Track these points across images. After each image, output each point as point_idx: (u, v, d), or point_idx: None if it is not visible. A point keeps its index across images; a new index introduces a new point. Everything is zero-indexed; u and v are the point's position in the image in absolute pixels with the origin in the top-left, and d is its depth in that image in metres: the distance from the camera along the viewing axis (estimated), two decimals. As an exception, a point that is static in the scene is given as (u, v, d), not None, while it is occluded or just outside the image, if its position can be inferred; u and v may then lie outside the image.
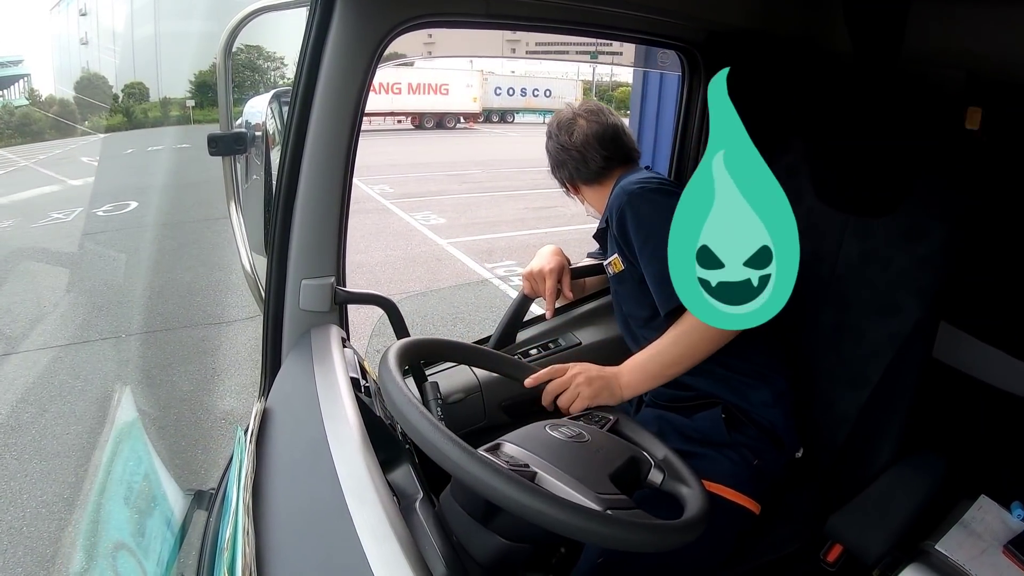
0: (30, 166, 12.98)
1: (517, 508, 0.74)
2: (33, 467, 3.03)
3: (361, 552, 0.71)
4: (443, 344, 1.14)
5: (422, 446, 0.80)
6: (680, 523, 0.84)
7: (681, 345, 1.20)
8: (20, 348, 4.30)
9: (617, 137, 1.46)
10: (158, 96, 22.09)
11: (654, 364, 1.22)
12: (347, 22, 1.14)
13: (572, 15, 1.39)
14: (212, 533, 0.96)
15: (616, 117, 1.50)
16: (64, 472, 2.99)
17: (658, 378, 1.23)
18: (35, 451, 3.14)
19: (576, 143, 1.45)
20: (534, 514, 0.73)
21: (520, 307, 1.61)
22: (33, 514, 2.70)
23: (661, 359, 1.22)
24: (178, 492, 1.06)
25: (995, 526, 1.29)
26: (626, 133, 1.49)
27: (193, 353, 4.25)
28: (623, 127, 1.49)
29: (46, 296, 5.24)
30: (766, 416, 1.30)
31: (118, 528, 0.87)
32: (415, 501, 0.92)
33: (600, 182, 1.46)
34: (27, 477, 2.96)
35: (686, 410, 1.32)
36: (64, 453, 3.13)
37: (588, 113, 1.48)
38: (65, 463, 3.06)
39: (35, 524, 2.65)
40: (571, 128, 1.46)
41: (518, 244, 7.13)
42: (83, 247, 6.76)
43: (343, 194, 1.23)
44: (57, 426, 3.34)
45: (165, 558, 0.91)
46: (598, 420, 1.08)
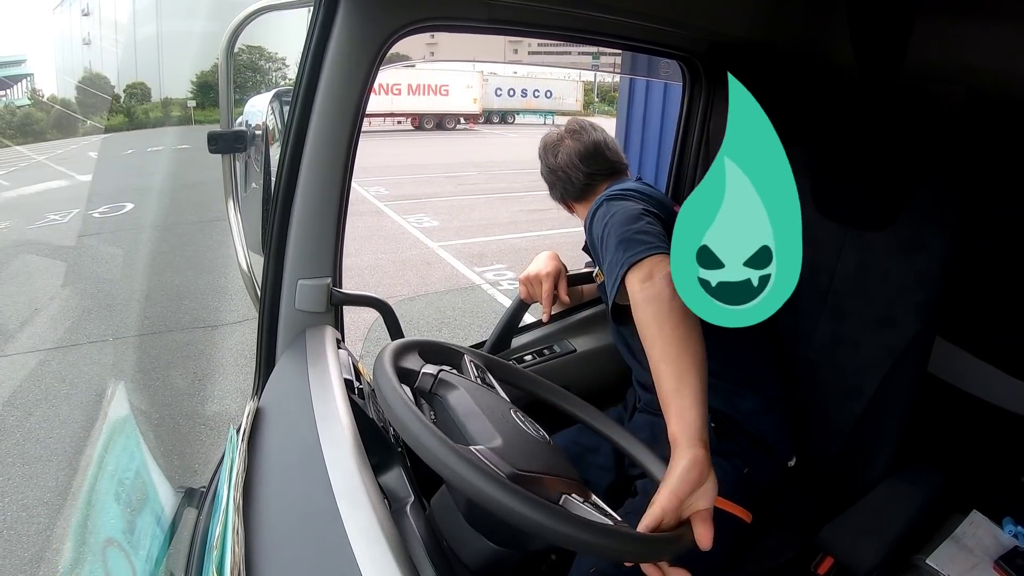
0: (44, 162, 12.97)
1: (507, 514, 0.73)
2: (16, 471, 3.02)
3: (351, 554, 0.71)
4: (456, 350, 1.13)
5: (413, 447, 0.79)
6: (671, 534, 0.83)
7: (662, 337, 0.97)
8: (6, 351, 4.27)
9: (599, 152, 1.48)
10: (159, 96, 22.12)
11: (683, 387, 0.98)
12: (350, 24, 1.14)
13: (574, 23, 1.40)
14: (202, 531, 0.95)
15: (600, 133, 1.52)
16: (46, 476, 2.98)
17: (695, 396, 0.96)
18: (18, 455, 3.12)
19: (560, 164, 1.49)
20: (528, 523, 0.73)
21: (516, 312, 1.61)
22: (14, 517, 2.69)
23: (674, 377, 0.97)
24: (168, 489, 1.05)
25: (986, 541, 1.29)
26: (609, 147, 1.51)
27: (178, 357, 4.24)
28: (605, 142, 1.51)
29: (38, 298, 5.22)
30: (756, 425, 1.30)
31: (108, 524, 0.86)
32: (406, 504, 0.91)
33: (588, 198, 1.48)
34: (9, 480, 2.95)
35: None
36: (47, 457, 3.11)
37: (571, 133, 1.51)
38: (48, 467, 3.04)
39: (15, 527, 2.64)
40: (556, 149, 1.51)
41: (510, 247, 7.15)
42: (77, 250, 6.73)
43: (342, 195, 1.23)
44: (41, 430, 3.32)
45: (154, 555, 0.90)
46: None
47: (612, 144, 1.52)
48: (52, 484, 2.91)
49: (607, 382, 1.66)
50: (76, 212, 8.31)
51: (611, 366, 1.67)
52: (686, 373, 0.95)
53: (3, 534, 2.60)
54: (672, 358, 0.95)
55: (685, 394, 0.94)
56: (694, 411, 0.93)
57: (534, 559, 0.93)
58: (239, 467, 0.87)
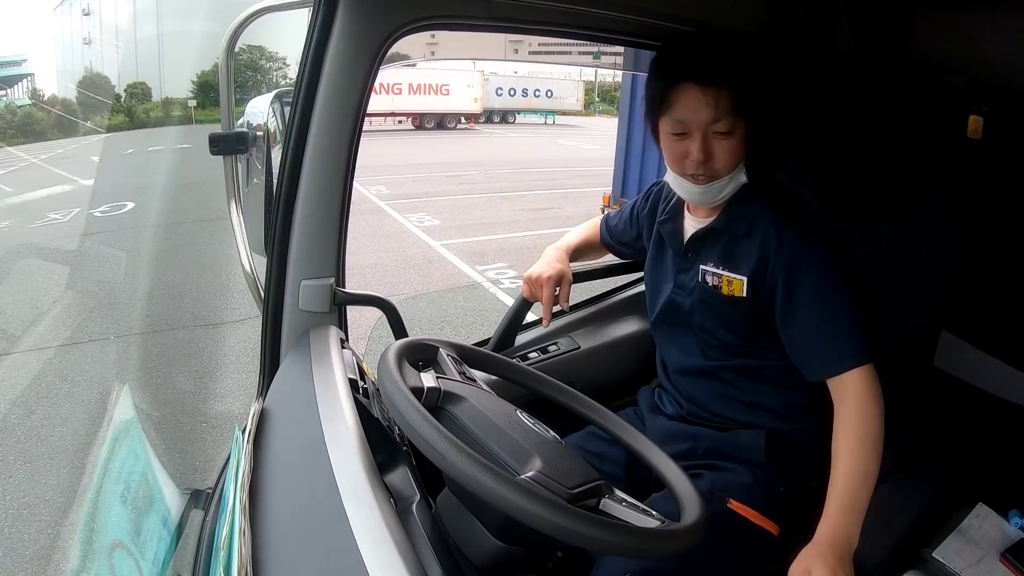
0: (43, 162, 12.96)
1: (516, 512, 0.73)
2: (17, 469, 3.03)
3: (357, 554, 0.71)
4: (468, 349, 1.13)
5: (419, 445, 0.79)
6: (681, 528, 0.83)
7: (867, 434, 1.08)
8: (7, 351, 4.30)
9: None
10: (160, 96, 22.14)
11: (855, 490, 1.05)
12: (350, 24, 1.14)
13: (574, 19, 1.39)
14: (208, 533, 0.96)
15: None
16: (48, 475, 2.99)
17: (860, 516, 1.04)
18: (20, 453, 3.14)
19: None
20: (534, 519, 0.73)
21: (519, 310, 1.61)
22: (15, 516, 2.71)
23: (859, 478, 1.05)
24: (175, 491, 1.06)
25: (993, 534, 1.29)
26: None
27: (180, 355, 4.26)
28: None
29: (40, 297, 5.23)
30: (805, 448, 1.28)
31: (114, 526, 0.86)
32: (412, 503, 0.91)
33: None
34: (11, 479, 2.96)
35: (726, 429, 1.31)
36: (49, 455, 3.12)
37: None
38: (49, 465, 3.05)
39: (16, 526, 2.65)
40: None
41: (511, 246, 7.16)
42: (78, 248, 6.76)
43: (344, 195, 1.23)
44: (43, 428, 3.34)
45: (161, 557, 0.90)
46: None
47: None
48: (54, 482, 2.93)
49: (612, 379, 1.66)
50: (77, 211, 8.33)
51: (616, 362, 1.67)
52: (864, 493, 1.04)
53: (5, 532, 2.62)
54: (861, 473, 1.05)
55: (857, 510, 1.03)
56: (855, 530, 1.02)
57: (540, 556, 0.93)
58: (245, 468, 0.88)
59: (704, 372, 1.33)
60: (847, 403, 1.11)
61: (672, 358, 1.40)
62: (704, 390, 1.34)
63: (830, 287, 1.18)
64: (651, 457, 1.02)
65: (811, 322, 1.17)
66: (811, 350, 1.18)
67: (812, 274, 1.18)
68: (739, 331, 1.28)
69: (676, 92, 1.18)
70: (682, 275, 1.33)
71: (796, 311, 1.19)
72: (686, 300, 1.32)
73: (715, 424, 1.31)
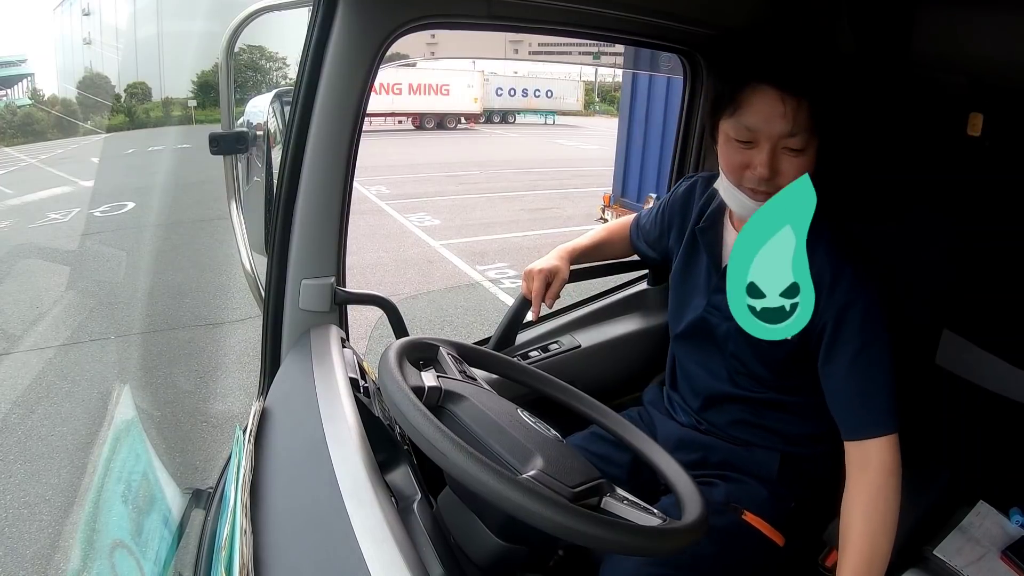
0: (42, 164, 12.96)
1: (518, 511, 0.73)
2: (18, 468, 3.04)
3: (359, 553, 0.71)
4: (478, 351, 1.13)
5: (420, 444, 0.80)
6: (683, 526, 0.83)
7: (885, 516, 1.05)
8: (8, 351, 4.30)
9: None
10: (160, 96, 22.15)
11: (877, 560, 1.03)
12: (349, 23, 1.14)
13: (574, 17, 1.39)
14: (210, 532, 0.96)
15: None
16: (48, 474, 3.00)
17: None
18: (20, 452, 3.15)
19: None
20: (535, 518, 0.73)
21: (520, 309, 1.60)
22: (15, 515, 2.71)
23: (878, 559, 1.03)
24: (176, 490, 1.06)
25: (994, 532, 1.29)
26: None
27: (180, 355, 4.26)
28: None
29: (40, 297, 5.24)
30: (820, 470, 1.26)
31: (116, 526, 0.86)
32: (413, 502, 0.91)
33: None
34: (11, 478, 2.97)
35: (740, 444, 1.28)
36: (49, 455, 3.13)
37: None
38: (50, 465, 3.06)
39: (17, 525, 2.66)
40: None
41: (511, 246, 7.17)
42: (79, 248, 6.76)
43: (344, 194, 1.23)
44: (43, 428, 3.34)
45: (163, 557, 0.91)
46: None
47: None
48: (54, 481, 2.94)
49: (613, 377, 1.66)
50: (77, 211, 8.34)
51: (616, 362, 1.67)
52: (881, 561, 1.03)
53: (6, 531, 2.62)
54: (880, 540, 1.04)
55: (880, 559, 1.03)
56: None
57: (541, 555, 0.93)
58: (246, 467, 0.88)
59: (730, 398, 1.27)
60: (868, 474, 1.07)
61: (695, 376, 1.32)
62: (724, 413, 1.29)
63: (875, 349, 1.10)
64: (652, 456, 1.02)
65: (847, 382, 1.10)
66: (841, 408, 1.12)
67: (859, 330, 1.10)
68: (776, 368, 1.21)
69: (749, 94, 1.08)
70: (719, 296, 1.19)
71: (835, 365, 1.11)
72: (721, 324, 1.23)
73: (729, 439, 1.29)
